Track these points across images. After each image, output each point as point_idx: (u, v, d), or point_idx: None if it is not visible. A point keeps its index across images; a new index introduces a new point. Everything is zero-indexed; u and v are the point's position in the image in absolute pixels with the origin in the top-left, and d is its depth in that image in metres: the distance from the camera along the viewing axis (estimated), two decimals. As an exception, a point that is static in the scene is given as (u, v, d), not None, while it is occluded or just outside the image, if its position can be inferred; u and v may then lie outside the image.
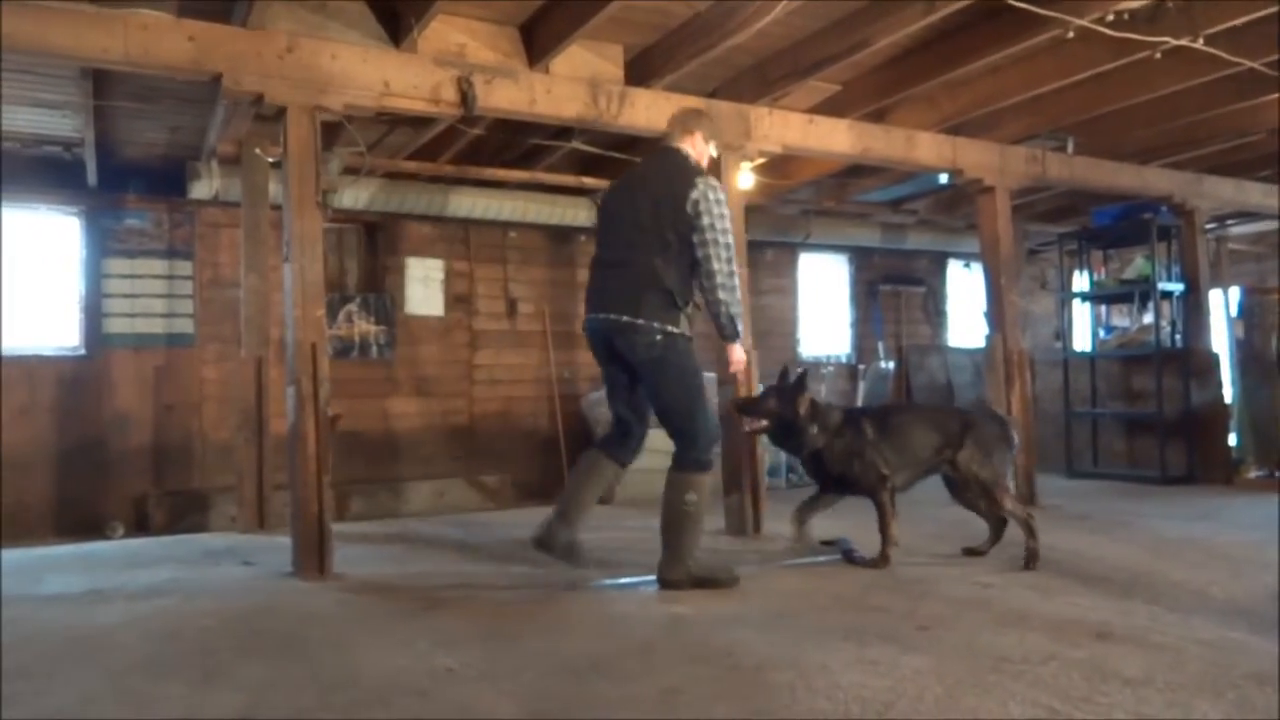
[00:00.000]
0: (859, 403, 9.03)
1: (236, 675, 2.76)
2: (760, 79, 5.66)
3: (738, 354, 4.03)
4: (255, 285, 6.06)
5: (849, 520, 4.63)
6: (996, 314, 6.58)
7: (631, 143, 6.59)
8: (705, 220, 3.79)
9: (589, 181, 7.49)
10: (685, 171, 3.91)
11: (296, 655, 2.97)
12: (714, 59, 5.21)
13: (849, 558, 4.43)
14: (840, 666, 2.72)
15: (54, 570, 4.52)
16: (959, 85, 5.97)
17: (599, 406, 8.09)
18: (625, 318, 3.81)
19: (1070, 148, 7.02)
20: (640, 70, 5.47)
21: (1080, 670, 2.68)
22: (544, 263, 8.63)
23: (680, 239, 3.81)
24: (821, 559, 4.48)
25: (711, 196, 3.81)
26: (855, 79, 5.98)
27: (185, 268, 7.39)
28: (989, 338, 6.63)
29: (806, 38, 5.23)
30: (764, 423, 4.36)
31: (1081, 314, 8.89)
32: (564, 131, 6.24)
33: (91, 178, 6.87)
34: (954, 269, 10.94)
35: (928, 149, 6.36)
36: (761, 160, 6.36)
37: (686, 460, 3.86)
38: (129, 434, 7.13)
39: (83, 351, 7.09)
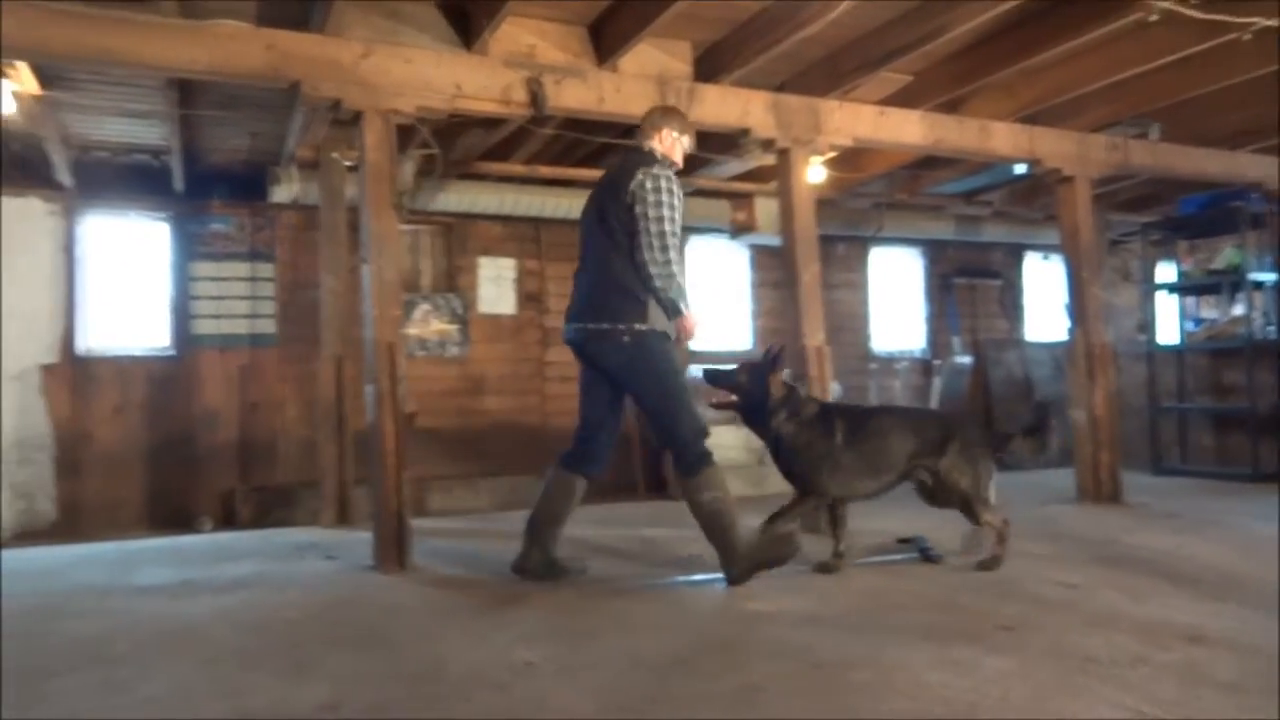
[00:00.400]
0: (934, 400, 8.87)
1: (323, 666, 2.83)
2: (830, 71, 5.60)
3: (687, 323, 3.86)
4: (334, 286, 6.20)
5: (927, 519, 4.56)
6: (1078, 307, 6.40)
7: (700, 139, 6.57)
8: (639, 209, 3.71)
9: (658, 178, 7.49)
10: (634, 166, 3.82)
11: (380, 648, 3.03)
12: (783, 52, 5.17)
13: (926, 556, 4.35)
14: (922, 666, 2.68)
15: (148, 563, 4.69)
16: (1036, 73, 5.82)
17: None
18: (591, 324, 3.80)
19: (1154, 134, 6.79)
20: (708, 66, 5.46)
21: (1172, 674, 2.60)
22: (613, 260, 8.66)
23: (626, 233, 3.75)
24: (898, 557, 4.41)
25: (650, 185, 3.71)
26: (928, 69, 5.88)
27: (267, 270, 7.62)
28: (1071, 331, 6.46)
29: (878, 28, 5.16)
30: (732, 398, 4.17)
31: (1167, 306, 8.59)
32: (633, 129, 6.24)
33: (178, 184, 7.12)
34: (1031, 261, 10.68)
35: (1004, 139, 6.22)
36: (832, 154, 6.29)
37: (684, 463, 3.80)
38: (216, 431, 7.38)
39: (172, 352, 7.37)
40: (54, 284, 7.04)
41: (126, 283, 7.39)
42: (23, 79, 4.99)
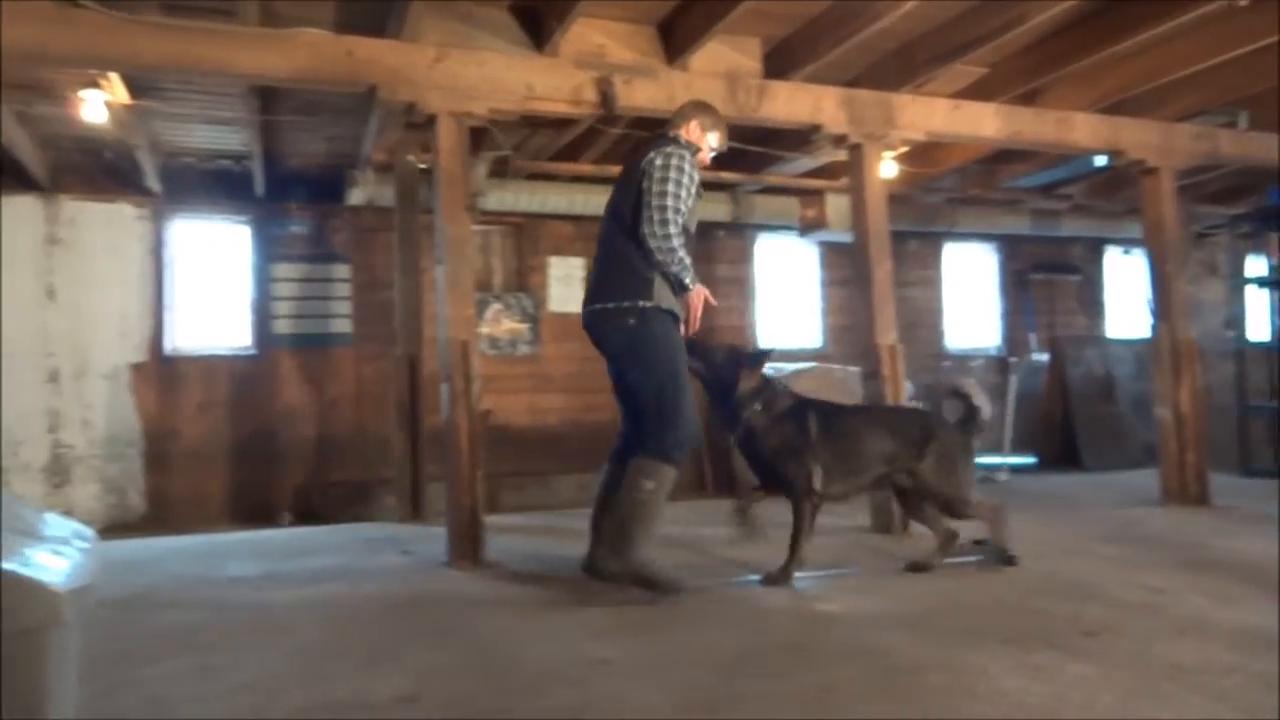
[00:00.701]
0: (1010, 398, 8.68)
1: (402, 658, 2.90)
2: (904, 65, 5.52)
3: (694, 299, 3.76)
4: (408, 287, 6.32)
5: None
6: (1162, 302, 6.21)
7: (770, 136, 6.55)
8: (646, 184, 3.63)
9: (726, 176, 7.49)
10: (651, 148, 3.73)
11: (456, 642, 3.09)
12: (855, 46, 5.11)
13: (1000, 558, 4.26)
14: (1001, 671, 2.64)
15: (233, 555, 4.85)
16: (1119, 61, 5.65)
17: (739, 401, 8.07)
18: (598, 305, 3.75)
19: (1243, 123, 6.54)
20: (779, 62, 5.42)
21: (1264, 682, 2.51)
22: (682, 258, 8.67)
23: (634, 211, 3.67)
24: (974, 559, 4.34)
25: (660, 161, 3.63)
26: (1004, 60, 5.76)
27: (343, 271, 7.80)
28: (1154, 328, 6.27)
29: (952, 19, 5.08)
30: (700, 368, 3.93)
31: (1258, 301, 8.27)
32: (703, 127, 6.23)
33: (259, 188, 7.33)
34: (1112, 256, 10.39)
35: (1084, 130, 6.06)
36: (904, 149, 6.20)
37: (650, 445, 3.61)
38: (295, 428, 7.59)
39: (253, 350, 7.59)
40: (143, 286, 7.31)
41: (210, 284, 7.64)
42: (115, 90, 5.20)
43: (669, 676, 2.67)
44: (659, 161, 3.65)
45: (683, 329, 3.81)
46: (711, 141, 4.02)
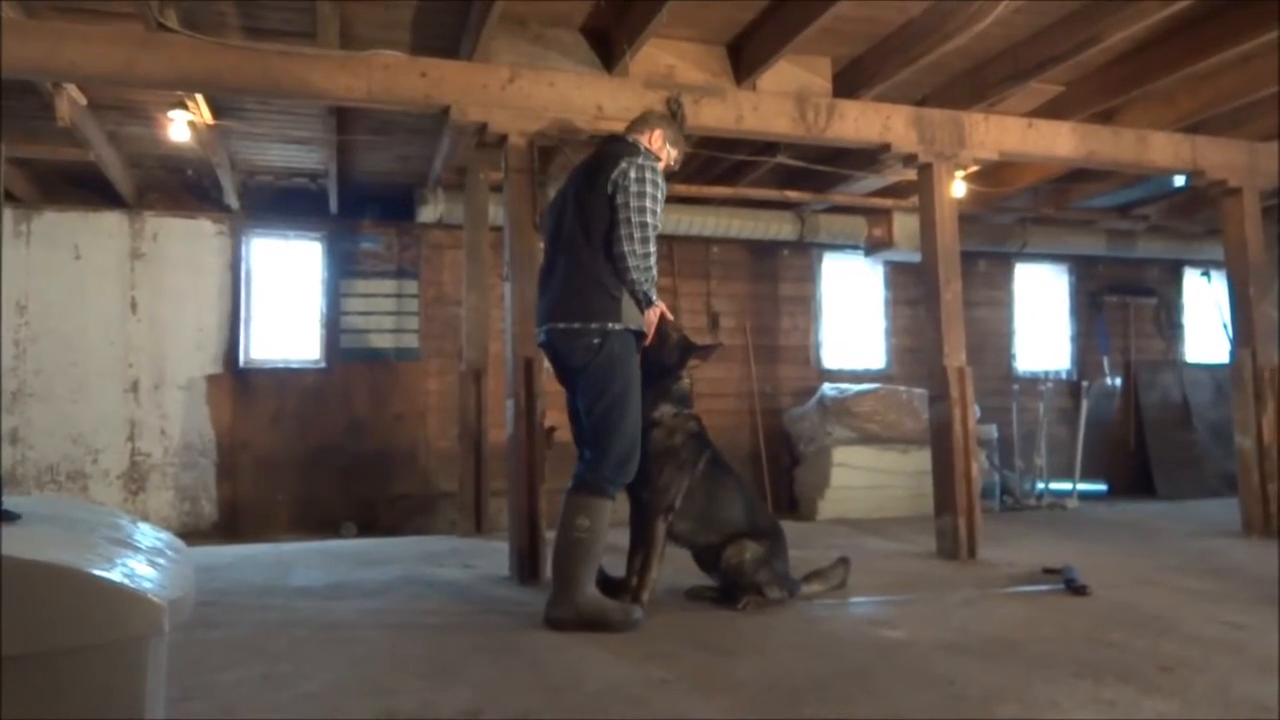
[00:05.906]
0: (1082, 421, 8.47)
1: (465, 671, 2.92)
2: (976, 83, 5.46)
3: (651, 314, 3.67)
4: (475, 303, 6.40)
5: (1075, 547, 4.35)
6: (1244, 326, 6.01)
7: (838, 155, 6.51)
8: (620, 199, 3.51)
9: (792, 195, 7.46)
10: (618, 155, 3.62)
11: (517, 657, 3.10)
12: (926, 65, 5.08)
13: (1073, 587, 4.15)
14: (1073, 705, 2.56)
15: (300, 565, 4.95)
16: (1201, 79, 5.52)
17: (801, 421, 8.01)
18: (562, 324, 3.63)
19: (1333, 142, 6.32)
20: (849, 81, 5.40)
21: (1359, 727, 2.40)
22: (745, 277, 8.66)
23: (603, 225, 3.55)
24: (1044, 588, 4.23)
25: (633, 175, 3.52)
26: (1080, 79, 5.65)
27: (412, 286, 7.93)
28: (1235, 353, 6.06)
29: (1029, 37, 5.01)
30: (648, 340, 3.71)
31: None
32: (769, 146, 6.24)
33: (333, 206, 7.51)
34: (1191, 278, 10.09)
35: (1163, 150, 5.91)
36: (975, 168, 6.11)
37: (584, 479, 3.54)
38: (361, 440, 7.72)
39: (323, 364, 7.75)
40: (219, 300, 7.52)
41: (283, 298, 7.83)
42: (199, 110, 5.38)
43: (732, 698, 2.64)
44: (633, 174, 3.54)
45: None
46: (672, 157, 3.94)
